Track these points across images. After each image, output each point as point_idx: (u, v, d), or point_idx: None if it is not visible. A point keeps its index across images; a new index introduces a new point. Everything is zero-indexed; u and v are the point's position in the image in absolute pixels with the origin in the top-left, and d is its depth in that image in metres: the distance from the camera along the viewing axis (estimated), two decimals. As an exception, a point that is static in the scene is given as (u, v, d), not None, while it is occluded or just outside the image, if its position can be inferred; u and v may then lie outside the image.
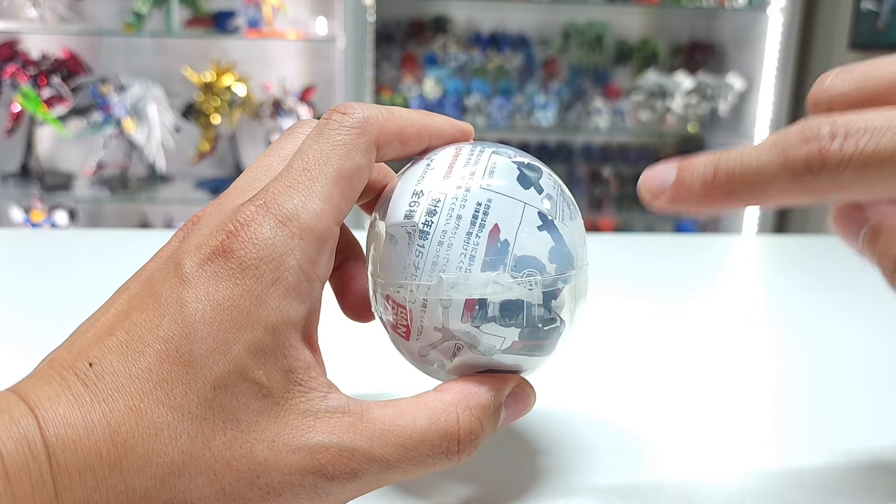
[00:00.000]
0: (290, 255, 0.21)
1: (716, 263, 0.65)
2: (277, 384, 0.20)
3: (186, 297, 0.20)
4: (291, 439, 0.20)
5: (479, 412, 0.23)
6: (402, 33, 2.32)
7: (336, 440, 0.20)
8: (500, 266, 0.22)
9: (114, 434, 0.19)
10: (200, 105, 2.10)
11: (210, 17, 2.06)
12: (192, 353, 0.19)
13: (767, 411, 0.35)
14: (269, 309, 0.20)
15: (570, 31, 2.33)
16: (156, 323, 0.20)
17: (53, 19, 2.05)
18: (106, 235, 0.66)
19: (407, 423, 0.21)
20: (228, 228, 0.21)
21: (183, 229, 0.23)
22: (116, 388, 0.19)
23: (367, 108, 0.23)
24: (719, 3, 2.24)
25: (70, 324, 0.22)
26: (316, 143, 0.22)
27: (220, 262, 0.20)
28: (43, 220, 2.05)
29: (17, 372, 0.21)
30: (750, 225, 2.27)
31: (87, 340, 0.20)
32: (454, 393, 0.23)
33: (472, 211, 0.23)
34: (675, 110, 2.25)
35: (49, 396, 0.19)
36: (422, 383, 0.26)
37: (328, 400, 0.21)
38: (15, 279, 0.52)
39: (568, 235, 0.24)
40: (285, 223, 0.21)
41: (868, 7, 1.90)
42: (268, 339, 0.20)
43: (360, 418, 0.21)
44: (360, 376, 0.35)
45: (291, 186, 0.21)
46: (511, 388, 0.24)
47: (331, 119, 0.23)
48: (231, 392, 0.20)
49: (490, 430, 0.23)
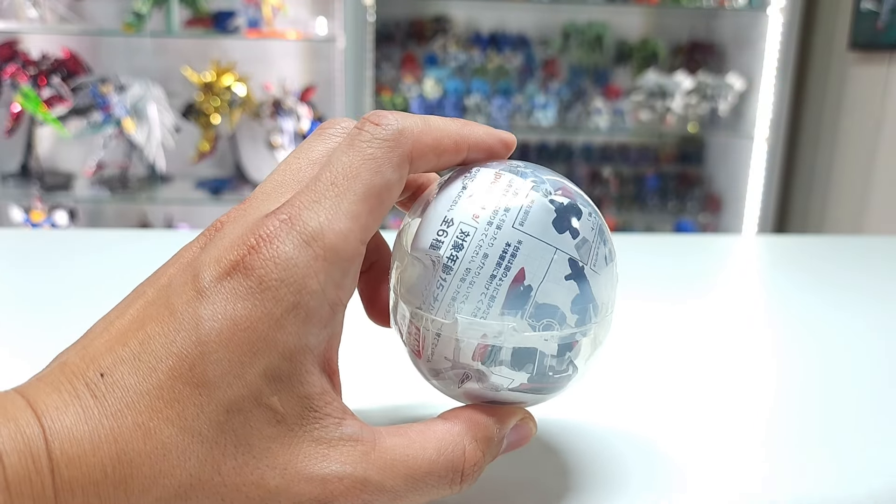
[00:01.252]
0: (312, 279, 0.20)
1: (716, 263, 0.65)
2: (292, 411, 0.20)
3: (203, 313, 0.19)
4: (304, 468, 0.20)
5: (484, 445, 0.23)
6: (402, 33, 2.32)
7: (350, 470, 0.20)
8: (519, 312, 0.22)
9: (120, 452, 0.18)
10: (200, 105, 2.10)
11: (210, 17, 2.06)
12: (205, 374, 0.19)
13: (767, 411, 0.35)
14: (286, 334, 0.19)
15: (570, 31, 2.33)
16: (170, 338, 0.19)
17: (53, 19, 2.05)
18: (106, 235, 0.66)
19: (417, 454, 0.21)
20: (250, 243, 0.20)
21: (205, 234, 0.22)
22: (126, 404, 0.19)
23: (402, 118, 0.22)
24: (719, 3, 2.23)
25: (69, 324, 0.22)
26: (346, 154, 0.21)
27: (240, 278, 0.20)
28: (43, 220, 2.05)
29: (16, 372, 0.21)
30: (750, 225, 2.27)
31: (99, 347, 0.20)
32: (462, 423, 0.23)
33: (500, 251, 0.22)
34: (675, 110, 2.25)
35: (57, 406, 0.18)
36: (429, 397, 0.26)
37: (342, 427, 0.21)
38: (15, 279, 0.52)
39: (596, 284, 0.23)
40: (309, 242, 0.20)
41: (868, 7, 1.90)
42: (284, 365, 0.20)
43: (373, 447, 0.21)
44: (367, 386, 0.36)
45: (318, 202, 0.20)
46: (515, 420, 0.24)
47: (363, 129, 0.22)
48: (244, 417, 0.19)
49: (490, 459, 0.23)
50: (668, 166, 2.48)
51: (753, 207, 2.25)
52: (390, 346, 0.38)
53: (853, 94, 1.99)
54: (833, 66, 2.09)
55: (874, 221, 1.90)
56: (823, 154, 2.12)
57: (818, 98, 2.16)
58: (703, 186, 2.47)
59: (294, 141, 2.12)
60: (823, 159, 2.12)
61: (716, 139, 2.43)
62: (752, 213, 2.26)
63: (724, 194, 2.41)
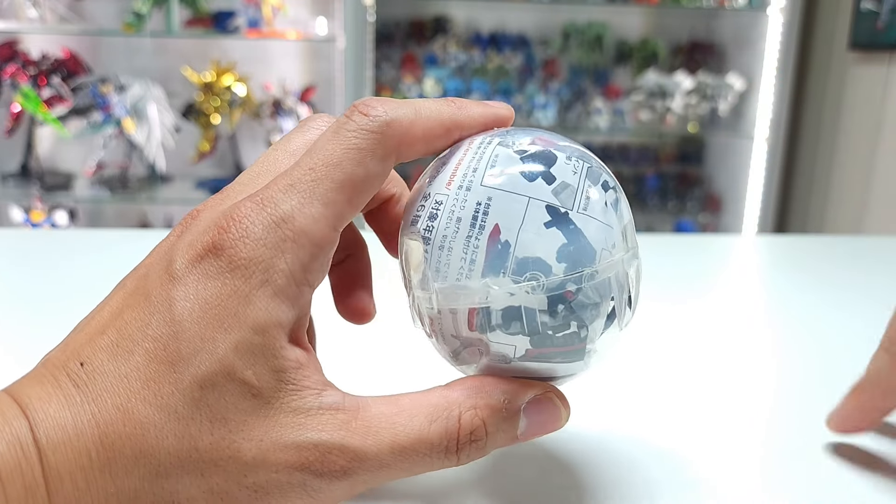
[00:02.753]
0: (280, 258, 0.20)
1: (716, 263, 0.65)
2: (268, 384, 0.20)
3: (175, 295, 0.20)
4: (280, 437, 0.20)
5: (485, 412, 0.21)
6: (402, 33, 2.32)
7: (327, 437, 0.20)
8: (501, 270, 0.20)
9: (102, 436, 0.18)
10: (200, 105, 2.09)
11: (210, 17, 2.06)
12: (178, 351, 0.19)
13: (767, 411, 0.35)
14: (256, 309, 0.20)
15: (570, 31, 2.33)
16: (145, 321, 0.20)
17: (53, 19, 2.05)
18: (106, 235, 0.66)
19: (404, 422, 0.21)
20: (221, 224, 0.20)
21: (181, 224, 0.22)
22: (105, 388, 0.19)
23: (392, 109, 0.22)
24: (719, 3, 2.23)
25: (69, 324, 0.22)
26: (330, 143, 0.21)
27: (211, 259, 0.20)
28: (43, 220, 2.05)
29: (16, 372, 0.21)
30: (750, 225, 2.27)
31: (80, 340, 0.20)
32: (462, 390, 0.22)
33: (472, 212, 0.21)
34: (675, 110, 2.25)
35: (41, 397, 0.19)
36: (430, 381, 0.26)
37: (322, 397, 0.20)
38: (15, 279, 0.52)
39: (589, 228, 0.21)
40: (279, 224, 0.20)
41: (868, 7, 1.90)
42: (256, 339, 0.20)
43: (355, 415, 0.20)
44: (370, 376, 0.35)
45: (293, 186, 0.21)
46: (533, 394, 0.22)
47: (351, 118, 0.21)
48: (219, 392, 0.19)
49: (502, 436, 0.22)
50: (668, 166, 2.48)
51: (753, 207, 2.25)
52: (383, 338, 0.38)
53: (853, 94, 1.99)
54: (833, 66, 2.08)
55: (874, 221, 1.90)
56: (823, 154, 2.12)
57: (818, 98, 2.16)
58: (703, 186, 2.47)
59: (294, 141, 2.12)
60: (823, 159, 2.12)
61: (716, 139, 2.43)
62: (752, 213, 2.26)
63: (724, 194, 2.41)
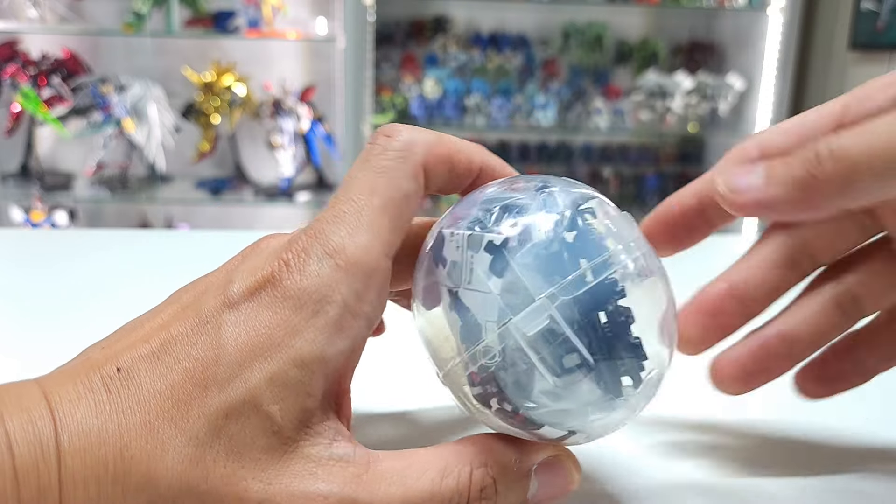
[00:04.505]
0: (334, 290, 0.20)
1: (716, 263, 0.64)
2: (290, 423, 0.19)
3: (227, 319, 0.20)
4: (290, 483, 0.19)
5: (496, 471, 0.21)
6: (402, 33, 2.32)
7: (336, 490, 0.19)
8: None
9: (123, 448, 0.18)
10: (200, 105, 2.10)
11: (210, 17, 2.06)
12: (215, 376, 0.19)
13: (767, 411, 0.35)
14: (302, 341, 0.19)
15: (570, 31, 2.33)
16: (192, 340, 0.20)
17: (53, 19, 2.05)
18: (106, 235, 0.66)
19: (415, 476, 0.20)
20: (282, 257, 0.20)
21: (252, 246, 0.22)
22: (137, 401, 0.19)
23: (414, 130, 0.22)
24: (719, 3, 2.23)
25: (69, 324, 0.22)
26: (361, 170, 0.22)
27: (268, 290, 0.20)
28: (43, 220, 2.05)
29: (16, 372, 0.21)
30: (750, 225, 2.27)
31: (123, 344, 0.20)
32: (473, 447, 0.21)
33: None
34: (675, 110, 2.25)
35: (70, 398, 0.19)
36: (436, 419, 0.26)
37: (333, 448, 0.20)
38: (15, 279, 0.52)
39: (474, 301, 0.20)
40: (332, 255, 0.20)
41: (868, 7, 1.90)
42: (293, 372, 0.19)
43: (366, 469, 0.20)
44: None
45: (338, 217, 0.21)
46: (545, 455, 0.22)
47: (375, 143, 0.22)
48: (242, 423, 0.19)
49: (512, 496, 0.21)
50: (668, 166, 2.48)
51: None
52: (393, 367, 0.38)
53: (853, 94, 1.99)
54: (833, 66, 2.09)
55: (874, 221, 1.90)
56: (823, 154, 2.12)
57: (818, 98, 2.16)
58: (703, 186, 2.47)
59: (294, 141, 2.12)
60: (823, 159, 2.12)
61: (716, 139, 2.43)
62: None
63: (724, 194, 2.41)
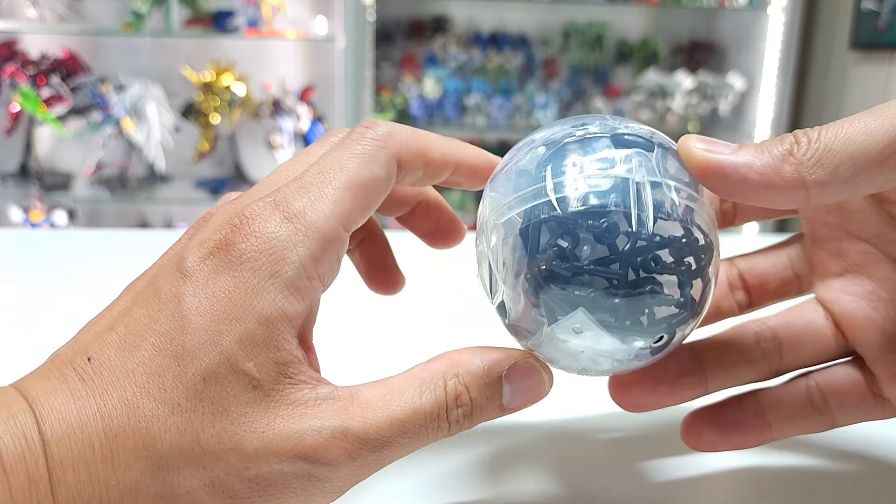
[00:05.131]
0: (291, 250, 0.20)
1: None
2: (268, 376, 0.20)
3: (185, 290, 0.20)
4: (282, 428, 0.20)
5: (467, 380, 0.22)
6: (402, 33, 2.32)
7: (328, 423, 0.20)
8: None
9: (106, 428, 0.19)
10: (200, 105, 2.09)
11: (209, 16, 2.06)
12: (184, 345, 0.19)
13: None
14: (264, 301, 0.20)
15: (571, 31, 2.33)
16: (154, 317, 0.20)
17: (53, 19, 2.05)
18: (105, 235, 0.66)
19: (396, 398, 0.21)
20: (233, 222, 0.21)
21: (194, 226, 0.23)
22: (112, 383, 0.19)
23: (392, 125, 0.23)
24: (720, 3, 2.23)
25: (69, 324, 0.22)
26: (336, 151, 0.23)
27: (222, 255, 0.20)
28: (42, 220, 2.05)
29: (16, 372, 0.21)
30: (750, 225, 2.27)
31: (88, 336, 0.20)
32: (443, 362, 0.22)
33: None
34: (676, 110, 2.24)
35: (47, 391, 0.19)
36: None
37: (317, 390, 0.21)
38: (14, 279, 0.51)
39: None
40: (290, 219, 0.21)
41: (868, 7, 1.90)
42: (261, 331, 0.20)
43: (351, 402, 0.21)
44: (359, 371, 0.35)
45: (304, 187, 0.22)
46: (512, 361, 0.23)
47: (354, 131, 0.23)
48: (220, 384, 0.19)
49: (487, 403, 0.22)
50: (668, 166, 2.47)
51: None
52: (373, 333, 0.38)
53: (854, 94, 1.99)
54: (834, 65, 2.08)
55: (875, 221, 1.90)
56: (824, 154, 2.12)
57: (819, 98, 2.16)
58: (703, 186, 2.47)
59: (293, 140, 2.12)
60: (824, 159, 2.12)
61: (717, 139, 2.43)
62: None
63: (724, 194, 2.41)
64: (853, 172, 0.20)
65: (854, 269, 0.25)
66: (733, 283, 0.28)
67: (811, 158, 0.21)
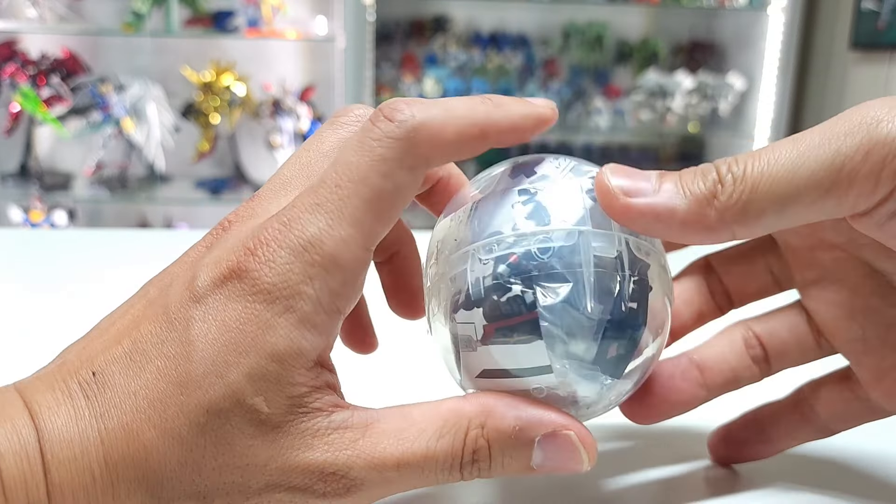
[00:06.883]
0: (307, 285, 0.19)
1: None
2: (279, 409, 0.19)
3: (194, 314, 0.19)
4: (286, 460, 0.19)
5: (492, 434, 0.20)
6: (402, 33, 2.32)
7: (331, 457, 0.19)
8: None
9: (107, 455, 0.18)
10: (200, 105, 2.09)
11: (209, 16, 2.06)
12: (189, 373, 0.19)
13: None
14: (276, 337, 0.19)
15: (571, 31, 2.33)
16: (162, 338, 0.19)
17: (53, 19, 2.05)
18: (105, 235, 0.66)
19: (413, 437, 0.20)
20: (248, 246, 0.19)
21: (212, 234, 0.22)
22: (114, 403, 0.19)
23: (420, 111, 0.20)
24: (720, 3, 2.23)
25: (69, 324, 0.22)
26: (354, 154, 0.20)
27: (235, 282, 0.19)
28: (42, 220, 2.05)
29: (16, 372, 0.21)
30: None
31: (97, 345, 0.20)
32: (474, 405, 0.21)
33: None
34: (676, 110, 2.24)
35: (50, 406, 0.19)
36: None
37: (331, 417, 0.20)
38: (14, 279, 0.51)
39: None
40: (307, 248, 0.19)
41: (868, 7, 1.90)
42: (272, 367, 0.19)
43: (364, 433, 0.20)
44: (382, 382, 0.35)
45: (319, 205, 0.19)
46: (549, 429, 0.20)
47: (375, 125, 0.20)
48: (224, 417, 0.19)
49: (510, 462, 0.20)
50: (668, 166, 2.46)
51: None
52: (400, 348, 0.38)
53: (854, 93, 1.99)
54: (834, 65, 2.08)
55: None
56: (824, 154, 2.12)
57: (819, 98, 2.16)
58: (703, 186, 2.47)
59: (293, 140, 2.12)
60: (824, 159, 2.12)
61: (716, 139, 2.43)
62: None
63: (724, 194, 2.41)
64: (779, 216, 0.20)
65: (829, 275, 0.25)
66: (713, 289, 0.28)
67: (736, 203, 0.20)
